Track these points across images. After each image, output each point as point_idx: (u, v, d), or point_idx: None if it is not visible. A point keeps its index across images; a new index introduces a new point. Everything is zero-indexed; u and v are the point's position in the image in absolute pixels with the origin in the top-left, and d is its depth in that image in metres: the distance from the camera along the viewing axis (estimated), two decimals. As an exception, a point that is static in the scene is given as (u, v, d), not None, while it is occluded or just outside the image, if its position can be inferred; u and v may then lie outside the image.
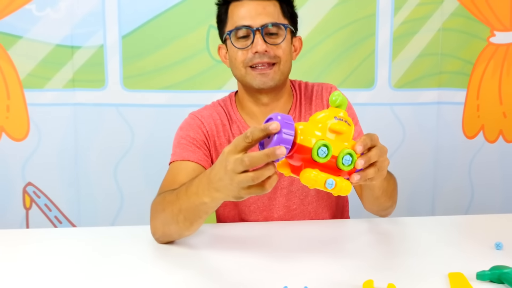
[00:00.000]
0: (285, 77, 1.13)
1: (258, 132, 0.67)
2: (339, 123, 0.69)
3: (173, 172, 1.07)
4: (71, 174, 1.81)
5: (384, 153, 0.75)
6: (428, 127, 1.90)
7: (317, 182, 0.67)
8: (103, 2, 1.76)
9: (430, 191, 1.93)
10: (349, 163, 0.69)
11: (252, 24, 1.07)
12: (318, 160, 0.67)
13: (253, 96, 1.15)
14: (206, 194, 0.78)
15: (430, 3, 1.85)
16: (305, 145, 0.67)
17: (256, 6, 1.08)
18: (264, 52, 1.07)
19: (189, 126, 1.14)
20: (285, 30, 1.10)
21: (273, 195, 1.16)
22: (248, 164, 0.67)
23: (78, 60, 1.77)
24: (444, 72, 1.88)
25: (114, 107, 1.80)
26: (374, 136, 0.74)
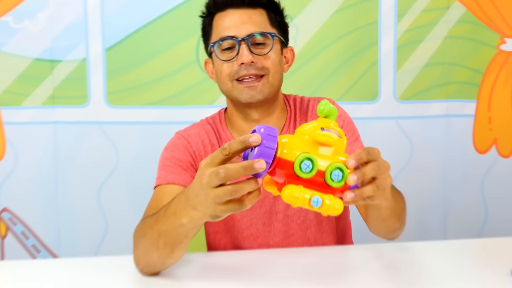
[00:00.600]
0: (275, 90, 1.13)
1: (236, 144, 0.67)
2: (326, 135, 0.67)
3: (158, 196, 1.07)
4: (51, 199, 1.79)
5: (384, 169, 0.73)
6: (437, 142, 1.90)
7: (299, 199, 0.66)
8: (85, 12, 1.76)
9: (441, 210, 1.92)
10: (339, 178, 0.67)
11: (237, 34, 1.08)
12: (301, 176, 0.66)
13: (242, 112, 1.15)
14: (184, 213, 0.77)
15: (435, 9, 1.86)
16: (287, 159, 0.66)
17: (241, 15, 1.09)
18: (251, 63, 1.07)
19: (175, 147, 1.14)
20: (272, 39, 1.10)
21: (268, 220, 1.15)
22: (223, 176, 0.67)
23: (58, 75, 1.77)
24: (452, 83, 1.88)
25: (97, 125, 1.79)
26: (372, 150, 0.72)
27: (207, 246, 1.24)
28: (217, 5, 1.13)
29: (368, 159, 0.71)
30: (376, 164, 0.71)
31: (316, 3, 1.82)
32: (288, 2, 1.75)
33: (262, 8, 1.12)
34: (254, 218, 1.15)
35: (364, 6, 1.84)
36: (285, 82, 1.69)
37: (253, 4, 1.11)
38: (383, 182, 0.72)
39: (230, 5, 1.11)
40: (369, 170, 0.70)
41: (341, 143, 0.69)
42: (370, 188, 0.71)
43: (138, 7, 1.78)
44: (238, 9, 1.10)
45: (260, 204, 1.14)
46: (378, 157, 0.73)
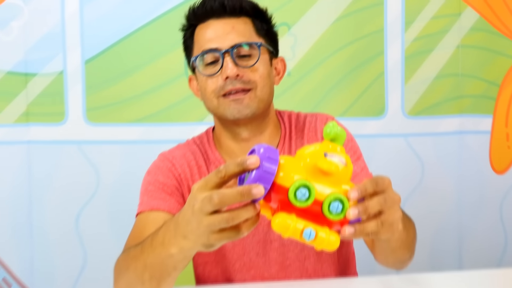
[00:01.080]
0: (264, 105, 1.13)
1: (233, 167, 0.66)
2: (329, 162, 0.66)
3: (140, 225, 1.06)
4: (24, 226, 1.77)
5: (393, 203, 0.71)
6: (450, 161, 1.90)
7: (289, 230, 0.65)
8: (63, 21, 1.76)
9: (455, 236, 1.91)
10: (338, 211, 0.66)
11: (220, 46, 1.09)
12: (296, 204, 0.65)
13: (231, 131, 1.16)
14: (173, 242, 0.76)
15: (446, 16, 1.87)
16: (282, 184, 0.65)
17: (224, 25, 1.10)
18: (236, 76, 1.08)
19: (158, 170, 1.14)
20: (259, 49, 1.10)
21: (262, 250, 1.14)
22: (217, 202, 0.66)
23: (33, 90, 1.76)
24: (465, 96, 1.89)
25: (75, 145, 1.78)
26: (381, 180, 0.70)
27: (196, 278, 1.22)
28: (197, 16, 1.14)
29: (374, 191, 0.69)
30: (382, 198, 0.69)
31: (316, 9, 1.83)
32: (285, 9, 1.82)
33: (246, 17, 1.13)
34: (247, 247, 1.14)
35: (369, 13, 1.85)
36: (282, 97, 1.71)
37: (236, 12, 1.12)
38: (390, 217, 0.70)
39: (211, 15, 1.12)
40: (374, 204, 0.68)
41: (346, 172, 0.68)
42: (373, 224, 0.69)
43: (121, 15, 1.78)
44: (220, 19, 1.11)
45: (253, 231, 1.13)
46: (387, 188, 0.71)
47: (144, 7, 1.78)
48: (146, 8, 1.78)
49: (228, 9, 1.11)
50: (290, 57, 1.81)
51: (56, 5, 1.76)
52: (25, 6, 1.75)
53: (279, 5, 1.80)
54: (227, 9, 1.11)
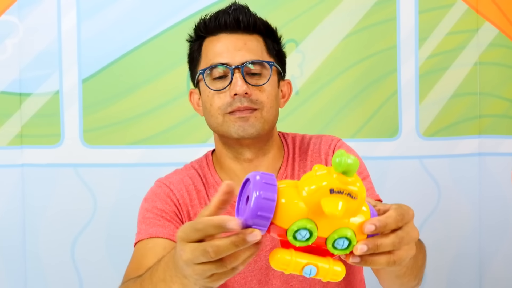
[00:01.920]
0: (269, 127, 1.13)
1: (211, 229, 0.63)
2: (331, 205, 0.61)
3: (139, 254, 1.05)
4: (17, 255, 1.76)
5: (410, 241, 0.67)
6: (468, 185, 1.87)
7: (290, 267, 0.63)
8: (59, 39, 1.77)
9: (475, 263, 1.87)
10: (344, 247, 0.64)
11: (231, 62, 1.08)
12: (295, 245, 0.63)
13: (233, 151, 1.15)
14: (175, 280, 0.73)
15: (462, 31, 1.85)
16: (279, 226, 0.62)
17: (236, 40, 1.10)
18: (245, 94, 1.07)
19: (156, 196, 1.14)
20: (271, 69, 1.11)
21: (265, 277, 1.12)
22: (213, 256, 0.63)
23: (27, 111, 1.75)
24: (484, 116, 1.86)
25: (71, 168, 1.77)
26: (405, 213, 0.66)
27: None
28: (208, 28, 1.13)
29: (397, 227, 0.65)
30: (399, 237, 0.66)
31: (325, 25, 1.82)
32: (293, 25, 1.80)
33: (258, 35, 1.13)
34: (248, 276, 1.13)
35: (381, 29, 1.83)
36: (289, 117, 1.70)
37: (249, 29, 1.12)
38: (403, 255, 0.67)
39: (224, 29, 1.11)
40: (387, 243, 0.65)
41: (356, 204, 0.63)
42: (383, 260, 0.66)
43: (120, 33, 1.78)
44: (232, 34, 1.11)
45: (255, 258, 1.12)
46: (408, 222, 0.67)
47: (144, 25, 1.78)
48: (146, 26, 1.78)
49: (242, 25, 1.11)
50: (298, 75, 1.80)
51: (52, 22, 1.77)
52: (20, 23, 1.76)
53: (286, 21, 1.79)
54: (241, 25, 1.11)
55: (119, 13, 1.78)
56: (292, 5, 1.80)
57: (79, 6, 1.77)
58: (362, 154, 1.24)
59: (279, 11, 1.79)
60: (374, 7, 1.82)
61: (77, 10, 1.77)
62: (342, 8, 1.82)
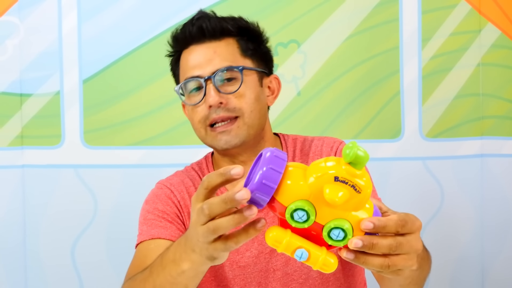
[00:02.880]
0: (255, 131, 1.12)
1: (215, 177, 0.65)
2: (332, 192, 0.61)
3: (141, 255, 1.05)
4: (18, 256, 1.75)
5: (410, 250, 0.65)
6: (471, 186, 1.86)
7: (282, 246, 0.64)
8: (60, 39, 1.76)
9: (478, 266, 1.87)
10: (339, 238, 0.63)
11: (201, 74, 1.09)
12: (292, 225, 0.64)
13: (227, 156, 1.16)
14: (184, 257, 0.75)
15: (465, 32, 1.84)
16: (280, 202, 0.64)
17: (206, 50, 1.10)
18: (219, 104, 1.07)
19: (157, 198, 1.14)
20: (241, 73, 1.09)
21: (264, 280, 1.12)
22: (207, 213, 0.65)
23: (28, 111, 1.75)
24: (486, 117, 1.86)
25: (72, 169, 1.76)
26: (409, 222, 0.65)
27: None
28: (179, 42, 1.14)
29: (396, 232, 0.64)
30: (397, 242, 0.64)
31: (327, 26, 1.81)
32: (295, 26, 1.79)
33: (229, 38, 1.12)
34: (248, 277, 1.12)
35: (383, 30, 1.82)
36: (291, 119, 1.69)
37: (217, 35, 1.11)
38: (400, 263, 0.65)
39: (191, 40, 1.12)
40: (384, 245, 0.64)
41: (359, 198, 0.63)
42: (377, 262, 0.64)
43: (121, 33, 1.77)
44: (201, 44, 1.11)
45: (254, 260, 1.12)
46: (413, 232, 0.66)
47: (145, 25, 1.78)
48: (147, 26, 1.78)
49: (207, 33, 1.10)
50: (299, 76, 1.79)
51: (53, 22, 1.76)
52: (21, 24, 1.75)
53: (288, 22, 1.78)
54: (206, 33, 1.10)
55: (119, 14, 1.77)
56: (294, 6, 1.80)
57: (79, 7, 1.76)
58: None
59: (281, 12, 1.78)
60: (376, 7, 1.82)
61: (78, 11, 1.76)
62: (345, 9, 1.81)
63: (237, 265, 1.12)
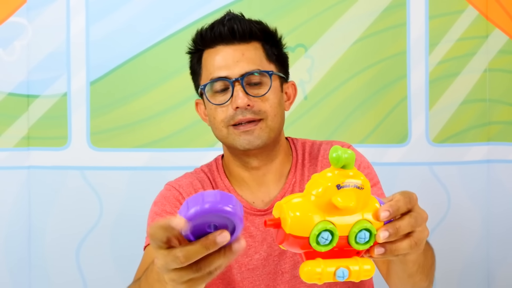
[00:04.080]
0: (275, 134, 1.13)
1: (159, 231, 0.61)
2: (344, 199, 0.63)
3: (148, 257, 1.05)
4: (22, 258, 1.74)
5: (422, 221, 0.69)
6: (477, 192, 1.85)
7: (323, 276, 0.64)
8: (68, 40, 1.75)
9: (484, 273, 1.85)
10: (367, 239, 0.65)
11: (230, 75, 1.09)
12: (320, 250, 0.64)
13: (240, 160, 1.15)
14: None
15: (472, 38, 1.83)
16: (299, 235, 0.63)
17: (234, 52, 1.10)
18: (247, 107, 1.08)
19: (165, 200, 1.14)
20: (270, 78, 1.10)
21: (273, 282, 1.12)
22: (183, 261, 0.61)
23: (35, 113, 1.74)
24: (493, 123, 1.84)
25: (78, 171, 1.76)
26: (410, 196, 0.67)
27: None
28: (205, 41, 1.13)
29: (406, 209, 0.66)
30: (413, 217, 0.67)
31: (335, 30, 1.80)
32: (302, 30, 1.78)
33: (256, 42, 1.12)
34: (256, 280, 1.12)
35: (390, 34, 1.81)
36: (297, 122, 1.68)
37: (246, 38, 1.11)
38: (420, 236, 0.68)
39: (220, 40, 1.11)
40: (405, 225, 0.66)
41: (364, 194, 0.65)
42: (406, 244, 0.67)
43: (128, 35, 1.76)
44: (229, 45, 1.11)
45: (263, 263, 1.12)
46: (415, 204, 0.68)
47: (152, 28, 1.77)
48: (154, 29, 1.77)
49: (238, 35, 1.10)
50: (306, 80, 1.78)
51: (61, 24, 1.76)
52: (29, 25, 1.74)
53: (295, 26, 1.77)
54: (236, 35, 1.10)
55: (127, 16, 1.77)
56: (301, 10, 1.79)
57: (88, 8, 1.76)
58: (371, 160, 1.23)
59: (288, 16, 1.77)
60: (384, 12, 1.81)
61: (86, 12, 1.76)
62: (352, 13, 1.80)
63: (246, 267, 1.10)
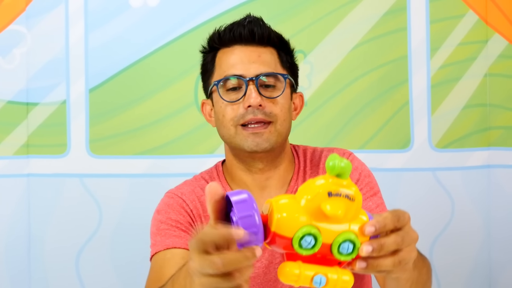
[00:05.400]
0: (282, 139, 1.11)
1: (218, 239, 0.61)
2: (332, 208, 0.62)
3: (158, 266, 1.05)
4: (22, 265, 1.73)
5: (411, 241, 0.67)
6: (479, 198, 1.82)
7: (300, 279, 0.63)
8: (67, 48, 1.74)
9: (486, 279, 1.83)
10: (349, 251, 0.63)
11: (245, 74, 1.08)
12: (302, 253, 0.63)
13: (245, 163, 1.13)
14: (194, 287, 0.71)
15: (472, 42, 1.81)
16: (283, 235, 0.62)
17: (250, 53, 1.10)
18: (259, 106, 1.06)
19: (169, 207, 1.12)
20: (285, 81, 1.10)
21: None
22: (221, 268, 0.60)
23: (34, 120, 1.73)
24: (493, 128, 1.82)
25: (77, 178, 1.75)
26: (401, 215, 0.65)
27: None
28: (223, 40, 1.13)
29: (394, 227, 0.65)
30: (400, 236, 0.65)
31: (334, 36, 1.78)
32: (301, 36, 1.75)
33: (272, 47, 1.13)
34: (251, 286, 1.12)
35: (391, 39, 1.79)
36: (297, 128, 1.67)
37: (264, 41, 1.11)
38: (407, 256, 0.66)
39: (238, 41, 1.11)
40: (390, 242, 0.64)
41: (354, 206, 0.63)
42: (389, 261, 0.65)
43: (127, 43, 1.75)
44: (246, 46, 1.11)
45: (264, 270, 1.11)
46: (406, 224, 0.67)
47: (151, 35, 1.76)
48: (153, 36, 1.76)
49: (257, 37, 1.10)
50: (306, 86, 1.75)
51: (60, 32, 1.74)
52: (28, 33, 1.72)
53: (294, 32, 1.74)
54: (256, 37, 1.10)
55: (126, 23, 1.76)
56: (300, 16, 1.77)
57: (87, 16, 1.74)
58: (373, 165, 1.19)
59: (287, 22, 1.75)
60: (384, 17, 1.79)
61: (85, 20, 1.74)
62: (351, 19, 1.78)
63: None
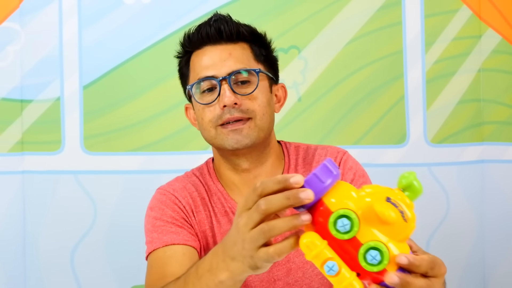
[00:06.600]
0: (264, 134, 1.08)
1: (271, 185, 0.63)
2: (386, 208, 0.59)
3: (160, 262, 1.02)
4: (17, 261, 1.71)
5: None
6: (473, 193, 1.80)
7: (314, 253, 0.60)
8: (61, 45, 1.71)
9: (480, 274, 1.81)
10: (374, 262, 0.59)
11: (217, 74, 1.05)
12: (332, 232, 0.60)
13: (230, 162, 1.10)
14: (222, 267, 0.71)
15: (466, 37, 1.78)
16: (328, 206, 0.61)
17: (220, 52, 1.07)
18: (234, 105, 1.04)
19: (162, 204, 1.10)
20: (257, 75, 1.07)
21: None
22: (264, 208, 0.63)
23: (28, 117, 1.71)
24: (487, 123, 1.80)
25: (72, 175, 1.72)
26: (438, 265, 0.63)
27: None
28: (193, 43, 1.10)
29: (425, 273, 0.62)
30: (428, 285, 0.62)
31: (328, 31, 1.74)
32: (295, 31, 1.69)
33: (244, 42, 1.10)
34: (249, 287, 1.09)
35: (386, 33, 1.76)
36: (291, 124, 1.63)
37: (233, 38, 1.08)
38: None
39: (207, 41, 1.08)
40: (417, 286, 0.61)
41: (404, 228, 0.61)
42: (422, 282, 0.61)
43: (120, 40, 1.73)
44: (217, 45, 1.08)
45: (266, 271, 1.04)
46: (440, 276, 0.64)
47: (144, 32, 1.74)
48: (147, 33, 1.73)
49: (225, 35, 1.07)
50: (300, 82, 1.72)
51: (54, 28, 1.72)
52: (22, 30, 1.69)
53: (288, 27, 1.72)
54: (223, 35, 1.07)
55: (120, 20, 1.73)
56: (294, 12, 1.73)
57: (80, 13, 1.71)
58: (368, 161, 1.14)
59: (281, 17, 1.72)
60: (379, 11, 1.76)
61: (79, 17, 1.71)
62: (346, 13, 1.75)
63: None
